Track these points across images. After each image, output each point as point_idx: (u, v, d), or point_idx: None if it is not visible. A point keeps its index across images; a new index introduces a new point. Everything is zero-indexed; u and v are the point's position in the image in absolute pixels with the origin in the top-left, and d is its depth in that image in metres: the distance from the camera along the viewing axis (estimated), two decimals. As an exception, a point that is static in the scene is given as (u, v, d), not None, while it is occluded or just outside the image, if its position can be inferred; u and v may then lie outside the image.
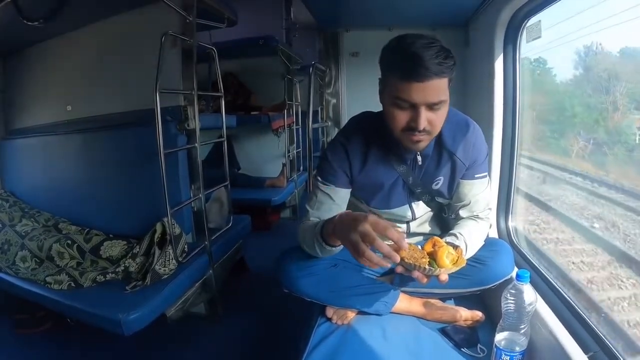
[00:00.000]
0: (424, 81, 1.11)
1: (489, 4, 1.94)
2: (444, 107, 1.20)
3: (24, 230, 2.06)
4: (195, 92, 1.84)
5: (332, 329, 1.41)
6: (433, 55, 1.10)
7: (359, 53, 2.88)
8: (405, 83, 1.13)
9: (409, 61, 1.11)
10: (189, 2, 1.80)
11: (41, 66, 2.49)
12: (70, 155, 2.32)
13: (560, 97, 3.95)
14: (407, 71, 1.12)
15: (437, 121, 1.21)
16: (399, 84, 1.15)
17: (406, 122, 1.19)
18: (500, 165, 1.93)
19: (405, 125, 1.20)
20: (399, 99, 1.16)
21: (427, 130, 1.19)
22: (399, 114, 1.19)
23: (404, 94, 1.15)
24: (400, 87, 1.15)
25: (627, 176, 3.59)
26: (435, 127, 1.22)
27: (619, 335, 1.24)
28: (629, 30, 2.38)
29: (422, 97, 1.14)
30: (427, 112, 1.17)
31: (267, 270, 1.58)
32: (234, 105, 3.65)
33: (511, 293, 1.16)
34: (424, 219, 1.55)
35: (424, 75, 1.10)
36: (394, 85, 1.17)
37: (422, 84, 1.12)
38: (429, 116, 1.17)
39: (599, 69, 3.44)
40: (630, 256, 2.83)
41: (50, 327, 2.04)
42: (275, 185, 3.62)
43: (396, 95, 1.17)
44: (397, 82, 1.15)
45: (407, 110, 1.18)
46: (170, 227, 1.74)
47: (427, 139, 1.24)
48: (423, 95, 1.14)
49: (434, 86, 1.12)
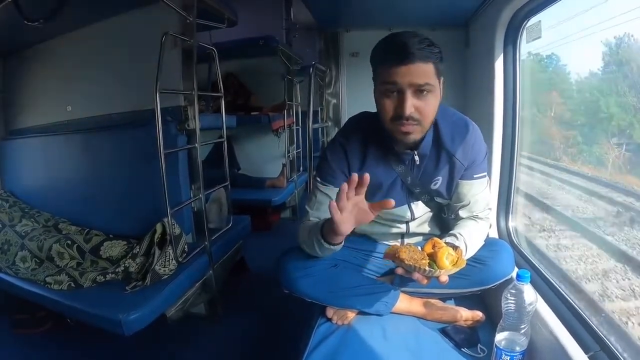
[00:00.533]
0: (407, 64, 1.16)
1: (489, 4, 1.94)
2: (432, 95, 1.22)
3: (24, 231, 2.06)
4: (195, 93, 1.84)
5: (333, 329, 1.41)
6: (416, 42, 1.16)
7: (359, 53, 2.88)
8: (390, 67, 1.18)
9: (393, 47, 1.18)
10: (189, 3, 1.80)
11: (41, 66, 2.49)
12: (70, 155, 2.33)
13: (586, 95, 3.61)
14: (391, 55, 1.18)
15: (426, 109, 1.23)
16: (384, 69, 1.20)
17: (393, 109, 1.22)
18: (500, 165, 1.93)
19: (393, 113, 1.23)
20: (386, 83, 1.20)
21: (414, 117, 1.21)
22: (387, 101, 1.23)
23: (390, 77, 1.19)
24: (386, 72, 1.19)
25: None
26: (425, 116, 1.24)
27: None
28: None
29: (407, 79, 1.17)
30: (414, 98, 1.20)
31: (267, 271, 1.58)
32: (234, 105, 3.66)
33: (511, 293, 1.16)
34: (423, 219, 1.54)
35: (408, 58, 1.15)
36: (381, 73, 1.22)
37: (406, 67, 1.16)
38: (415, 103, 1.20)
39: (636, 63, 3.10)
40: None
41: (50, 327, 2.04)
42: (275, 185, 3.62)
43: (383, 81, 1.21)
44: (383, 69, 1.20)
45: (394, 98, 1.21)
46: (170, 227, 1.74)
47: (417, 130, 1.26)
48: (409, 78, 1.17)
49: (418, 69, 1.17)
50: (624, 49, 3.04)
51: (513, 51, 1.84)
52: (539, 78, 2.86)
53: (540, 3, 1.59)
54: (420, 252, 1.19)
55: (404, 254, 1.16)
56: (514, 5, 1.72)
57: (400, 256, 1.16)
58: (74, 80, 2.34)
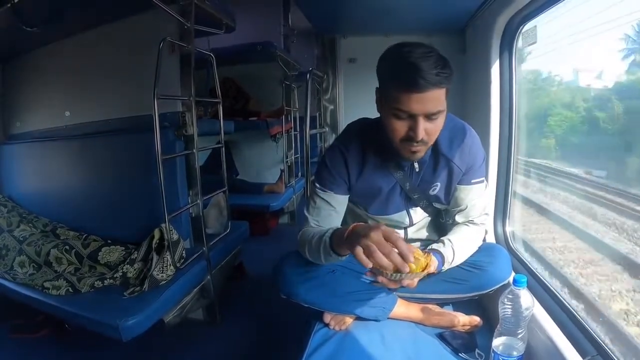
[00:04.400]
0: (422, 92, 1.11)
1: (485, 9, 1.96)
2: (441, 117, 1.20)
3: (22, 236, 2.06)
4: (193, 98, 1.85)
5: (330, 334, 1.41)
6: (431, 66, 1.10)
7: (356, 59, 2.89)
8: (404, 94, 1.13)
9: (407, 72, 1.11)
10: (187, 9, 1.81)
11: (40, 72, 2.50)
12: (68, 160, 2.33)
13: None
14: (405, 82, 1.12)
15: (434, 131, 1.22)
16: (397, 94, 1.15)
17: (405, 132, 1.20)
18: (497, 170, 1.94)
19: (404, 135, 1.20)
20: (398, 109, 1.17)
21: (424, 140, 1.20)
22: (398, 124, 1.20)
23: (403, 105, 1.15)
24: (399, 98, 1.15)
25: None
26: (432, 137, 1.23)
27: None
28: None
29: (420, 108, 1.14)
30: (425, 122, 1.17)
31: (265, 276, 1.58)
32: (233, 110, 3.66)
33: (508, 298, 1.17)
34: (421, 225, 1.55)
35: (423, 86, 1.10)
36: (392, 96, 1.17)
37: (420, 95, 1.12)
38: (426, 126, 1.18)
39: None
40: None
41: (48, 332, 2.02)
42: (273, 190, 3.61)
43: (395, 106, 1.17)
44: (396, 93, 1.15)
45: (406, 121, 1.18)
46: (168, 233, 1.74)
47: (424, 149, 1.26)
48: (422, 106, 1.14)
49: (432, 96, 1.13)
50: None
51: (509, 56, 1.85)
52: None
53: (535, 9, 1.60)
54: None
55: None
56: (509, 11, 1.73)
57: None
58: (73, 86, 2.34)
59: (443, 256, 1.34)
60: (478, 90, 2.04)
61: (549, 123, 5.46)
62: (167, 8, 1.70)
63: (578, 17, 2.20)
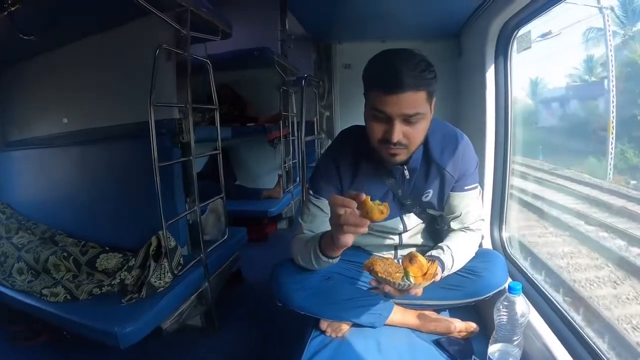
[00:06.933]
0: (398, 94, 1.14)
1: (479, 14, 1.96)
2: (422, 121, 1.21)
3: (20, 243, 2.06)
4: (189, 105, 1.85)
5: (326, 341, 1.41)
6: (410, 68, 1.13)
7: (352, 65, 2.89)
8: (380, 95, 1.16)
9: (385, 73, 1.15)
10: (183, 16, 1.80)
11: (38, 79, 2.51)
12: (66, 167, 2.34)
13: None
14: (382, 83, 1.16)
15: (414, 135, 1.23)
16: (375, 95, 1.18)
17: (382, 134, 1.22)
18: (493, 175, 1.94)
19: (381, 137, 1.22)
20: (375, 109, 1.19)
21: (402, 143, 1.21)
22: (375, 125, 1.22)
23: (379, 105, 1.18)
24: (377, 99, 1.18)
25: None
26: (413, 141, 1.24)
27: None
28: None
29: (396, 110, 1.16)
30: (403, 125, 1.19)
31: (263, 282, 1.58)
32: (230, 116, 3.66)
33: (504, 305, 1.17)
34: (415, 231, 1.55)
35: (399, 87, 1.13)
36: (371, 97, 1.21)
37: (396, 97, 1.14)
38: (404, 129, 1.20)
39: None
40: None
41: (46, 339, 2.02)
42: (271, 196, 3.61)
43: (373, 107, 1.20)
44: (374, 94, 1.19)
45: (383, 123, 1.21)
46: (166, 240, 1.74)
47: (404, 152, 1.26)
48: (398, 108, 1.16)
49: (409, 99, 1.15)
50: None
51: (504, 61, 1.85)
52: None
53: (529, 14, 1.60)
54: (396, 265, 1.20)
55: (378, 266, 1.17)
56: (504, 16, 1.73)
57: (374, 269, 1.17)
58: (70, 93, 2.35)
59: (443, 263, 1.34)
60: (473, 94, 2.04)
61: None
62: (163, 15, 1.70)
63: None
